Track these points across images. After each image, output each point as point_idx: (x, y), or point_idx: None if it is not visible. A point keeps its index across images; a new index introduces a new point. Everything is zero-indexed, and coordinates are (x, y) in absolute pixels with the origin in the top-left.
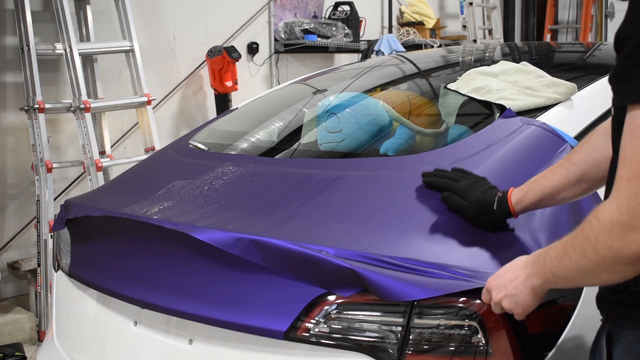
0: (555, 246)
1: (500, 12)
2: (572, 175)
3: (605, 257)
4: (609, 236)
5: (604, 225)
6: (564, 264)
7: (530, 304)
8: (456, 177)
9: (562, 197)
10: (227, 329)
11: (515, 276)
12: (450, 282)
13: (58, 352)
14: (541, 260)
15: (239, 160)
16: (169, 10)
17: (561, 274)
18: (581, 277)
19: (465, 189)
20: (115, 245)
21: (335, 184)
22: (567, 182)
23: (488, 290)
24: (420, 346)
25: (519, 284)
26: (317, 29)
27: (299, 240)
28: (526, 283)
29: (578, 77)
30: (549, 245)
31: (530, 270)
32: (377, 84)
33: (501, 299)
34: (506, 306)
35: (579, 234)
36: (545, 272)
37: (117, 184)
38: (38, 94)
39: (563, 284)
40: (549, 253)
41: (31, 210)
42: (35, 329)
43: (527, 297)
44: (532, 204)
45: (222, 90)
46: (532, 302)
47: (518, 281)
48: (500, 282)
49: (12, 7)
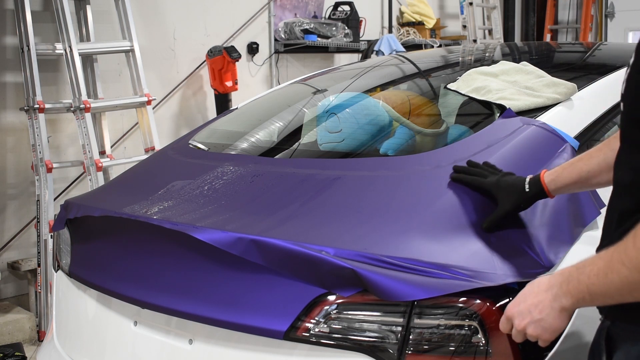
0: (592, 262)
1: (500, 12)
2: (609, 160)
3: None
4: None
5: None
6: (608, 281)
7: (559, 326)
8: (485, 173)
9: (597, 181)
10: (227, 329)
11: (540, 300)
12: (450, 282)
13: (58, 352)
14: (573, 279)
15: (239, 160)
16: (169, 10)
17: (602, 292)
18: (629, 294)
19: (494, 182)
20: (115, 245)
21: (335, 184)
22: (604, 167)
23: (509, 319)
24: (420, 346)
25: (545, 307)
26: (317, 29)
27: (299, 240)
28: (553, 305)
29: (578, 77)
30: (580, 263)
31: (557, 291)
32: (377, 84)
33: (525, 326)
34: (532, 333)
35: (630, 246)
36: (580, 292)
37: (117, 184)
38: (38, 94)
39: (600, 302)
40: (584, 271)
41: (31, 210)
42: (35, 329)
43: (556, 320)
44: (566, 186)
45: (222, 90)
46: (561, 324)
47: (544, 304)
48: (523, 308)
49: (12, 7)
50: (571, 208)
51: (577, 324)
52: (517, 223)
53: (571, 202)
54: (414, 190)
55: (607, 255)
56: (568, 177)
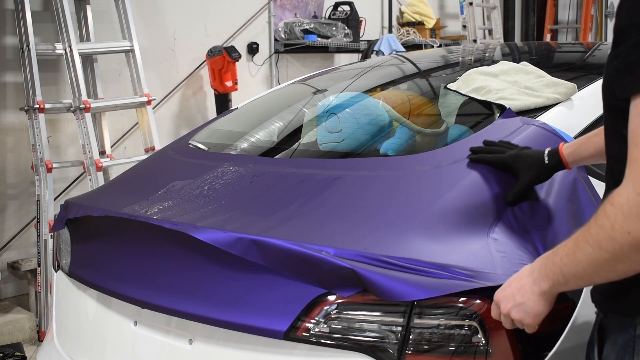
0: (564, 244)
1: (500, 12)
2: None
3: (622, 245)
4: (626, 221)
5: (620, 209)
6: (576, 260)
7: (540, 311)
8: (503, 149)
9: None
10: (227, 329)
11: (522, 284)
12: (450, 282)
13: (58, 352)
14: (549, 262)
15: (239, 160)
16: (169, 10)
17: (573, 272)
18: (595, 273)
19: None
20: (115, 245)
21: (335, 184)
22: None
23: (497, 304)
24: (420, 346)
25: (526, 291)
26: (317, 29)
27: (299, 240)
28: (533, 289)
29: (578, 77)
30: (557, 246)
31: (537, 274)
32: (377, 84)
33: (509, 310)
34: (515, 317)
35: (592, 225)
36: (555, 273)
37: (117, 184)
38: (38, 94)
39: (574, 284)
40: (557, 253)
41: (31, 210)
42: (35, 329)
43: (536, 304)
44: (583, 159)
45: (222, 90)
46: (541, 308)
47: (525, 289)
48: (508, 292)
49: (12, 7)
50: (571, 208)
51: (577, 324)
52: (517, 223)
53: (571, 202)
54: (414, 190)
55: (575, 235)
56: (585, 151)
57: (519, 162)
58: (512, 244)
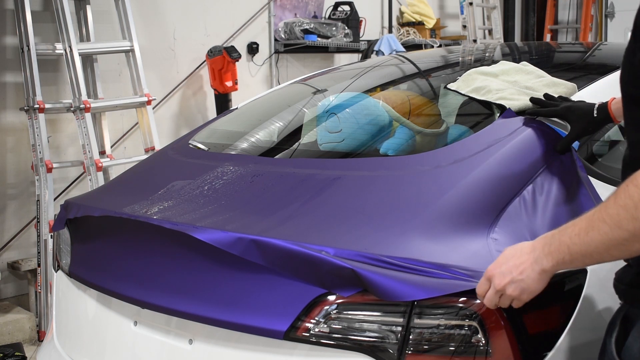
0: (574, 224)
1: (500, 12)
2: None
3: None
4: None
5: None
6: (588, 239)
7: (536, 288)
8: (558, 102)
9: None
10: (227, 329)
11: (522, 261)
12: (450, 282)
13: (58, 352)
14: (554, 241)
15: (239, 160)
16: (169, 10)
17: (582, 251)
18: (606, 251)
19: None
20: (115, 245)
21: (335, 184)
22: None
23: (488, 279)
24: (420, 346)
25: (526, 268)
26: (317, 29)
27: (299, 240)
28: (534, 267)
29: (578, 77)
30: (564, 226)
31: (539, 253)
32: (377, 84)
33: (505, 285)
34: (511, 293)
35: (610, 205)
36: (561, 252)
37: (117, 184)
38: (38, 94)
39: (580, 263)
40: (566, 232)
41: (31, 210)
42: (35, 329)
43: (534, 282)
44: None
45: (222, 90)
46: (539, 286)
47: (524, 266)
48: (505, 269)
49: (12, 7)
50: (571, 208)
51: (577, 323)
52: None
53: (571, 202)
54: (414, 190)
55: (589, 215)
56: None
57: (570, 114)
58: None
